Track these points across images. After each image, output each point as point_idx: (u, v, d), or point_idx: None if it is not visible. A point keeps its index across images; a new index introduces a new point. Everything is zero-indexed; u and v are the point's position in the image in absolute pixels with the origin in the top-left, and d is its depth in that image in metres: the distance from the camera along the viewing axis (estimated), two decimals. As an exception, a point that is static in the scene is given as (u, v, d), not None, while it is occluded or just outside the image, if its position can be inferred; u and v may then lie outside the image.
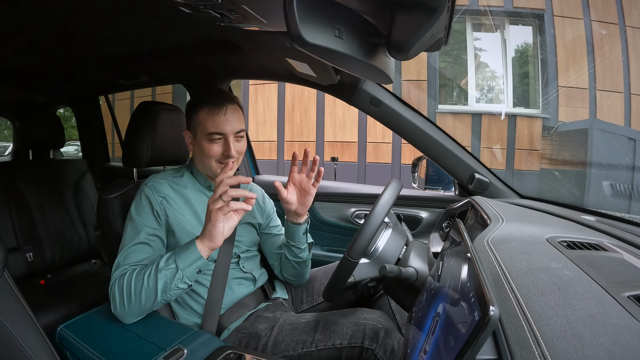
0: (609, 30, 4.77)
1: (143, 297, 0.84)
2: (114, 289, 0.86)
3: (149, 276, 0.84)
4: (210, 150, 0.97)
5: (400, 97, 1.28)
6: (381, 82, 1.16)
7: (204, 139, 0.97)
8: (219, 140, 0.97)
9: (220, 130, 0.96)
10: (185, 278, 0.85)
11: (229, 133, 0.97)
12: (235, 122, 0.98)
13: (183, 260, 0.84)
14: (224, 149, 0.97)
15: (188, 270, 0.84)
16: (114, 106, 2.65)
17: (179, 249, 0.86)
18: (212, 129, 0.96)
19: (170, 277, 0.84)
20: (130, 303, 0.85)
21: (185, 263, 0.84)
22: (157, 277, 0.83)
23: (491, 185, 1.29)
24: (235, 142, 0.98)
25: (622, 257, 0.59)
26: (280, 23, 0.58)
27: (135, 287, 0.84)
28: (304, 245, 1.10)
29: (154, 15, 1.02)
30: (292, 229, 1.07)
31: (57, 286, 1.66)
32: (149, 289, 0.84)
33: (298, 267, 1.13)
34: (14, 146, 2.76)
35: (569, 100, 5.08)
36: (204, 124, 0.96)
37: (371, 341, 0.88)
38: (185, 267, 0.84)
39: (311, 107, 6.39)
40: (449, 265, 0.65)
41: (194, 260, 0.84)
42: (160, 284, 0.83)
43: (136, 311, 0.87)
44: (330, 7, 0.60)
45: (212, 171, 1.01)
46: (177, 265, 0.84)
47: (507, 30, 5.40)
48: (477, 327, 0.38)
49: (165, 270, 0.84)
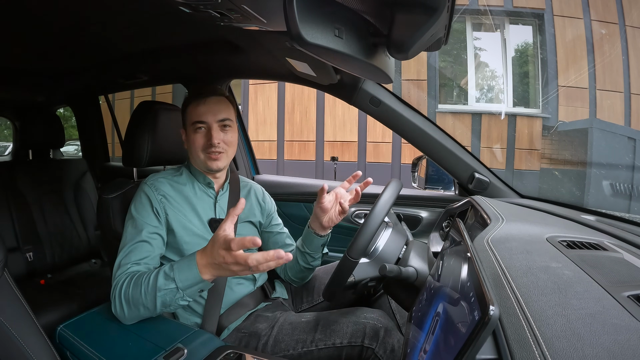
0: (609, 30, 4.76)
1: (142, 310, 0.83)
2: (115, 292, 0.86)
3: (146, 292, 0.80)
4: (195, 140, 0.99)
5: (400, 96, 1.28)
6: (381, 81, 1.16)
7: (190, 131, 1.01)
8: (202, 130, 0.99)
9: (202, 119, 0.98)
10: (186, 297, 0.80)
11: (211, 122, 0.99)
12: (218, 110, 1.00)
13: (183, 280, 0.78)
14: (207, 137, 0.99)
15: (189, 290, 0.79)
16: (113, 106, 2.65)
17: (177, 267, 0.79)
18: (195, 118, 0.99)
19: (170, 297, 0.80)
20: (130, 311, 0.85)
21: (185, 283, 0.78)
22: (155, 296, 0.79)
23: (491, 185, 1.29)
24: (219, 131, 1.00)
25: (622, 257, 0.59)
26: (280, 22, 0.58)
27: (133, 299, 0.82)
28: (319, 255, 1.10)
29: (154, 14, 1.02)
30: (312, 238, 1.06)
31: (57, 286, 1.66)
32: (146, 303, 0.81)
33: (306, 271, 1.13)
34: (13, 146, 2.76)
35: (569, 100, 5.08)
36: (189, 116, 1.00)
37: (371, 340, 0.88)
38: (186, 287, 0.79)
39: (311, 107, 6.39)
40: (449, 264, 0.65)
41: (195, 283, 0.78)
42: (159, 302, 0.80)
43: (135, 318, 0.87)
44: (330, 6, 0.60)
45: (203, 164, 1.02)
46: (177, 285, 0.78)
47: (507, 29, 5.40)
48: (477, 327, 0.38)
49: (165, 289, 0.79)
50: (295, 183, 1.74)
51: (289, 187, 1.73)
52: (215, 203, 1.07)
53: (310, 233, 1.06)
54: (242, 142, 1.82)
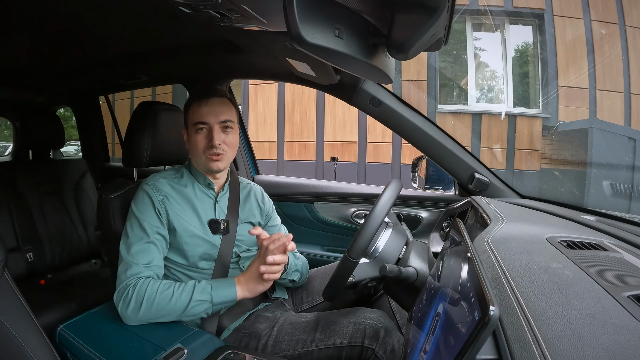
0: (609, 30, 4.76)
1: (164, 313, 0.87)
2: (129, 291, 0.87)
3: (176, 300, 0.87)
4: (196, 141, 1.00)
5: (401, 97, 1.28)
6: (381, 82, 1.16)
7: (191, 131, 1.01)
8: (203, 130, 1.00)
9: (204, 120, 0.99)
10: (210, 311, 0.90)
11: (213, 123, 0.99)
12: (220, 112, 1.00)
13: (220, 297, 0.90)
14: (208, 138, 0.99)
15: (218, 306, 0.91)
16: (114, 106, 2.65)
17: (215, 284, 0.91)
18: (197, 119, 0.99)
19: (199, 309, 0.89)
20: (147, 313, 0.86)
21: (219, 300, 0.90)
22: (187, 306, 0.87)
23: (491, 185, 1.29)
24: (220, 133, 1.00)
25: (622, 257, 0.59)
26: (280, 23, 0.58)
27: (158, 303, 0.86)
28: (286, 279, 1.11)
29: (154, 15, 1.02)
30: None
31: (57, 286, 1.66)
32: (173, 310, 0.87)
33: (291, 283, 1.15)
34: (14, 146, 2.76)
35: (569, 100, 5.08)
36: (191, 116, 1.01)
37: (371, 340, 0.88)
38: (217, 303, 0.90)
39: (311, 107, 6.39)
40: (449, 265, 0.65)
41: (228, 301, 0.91)
42: (187, 311, 0.88)
43: (146, 320, 0.88)
44: (330, 6, 0.60)
45: (204, 165, 1.02)
46: (211, 300, 0.89)
47: (507, 30, 5.40)
48: (477, 327, 0.38)
49: (198, 301, 0.88)
50: (295, 183, 1.74)
51: (289, 187, 1.73)
52: (215, 204, 1.07)
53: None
54: (242, 142, 1.82)
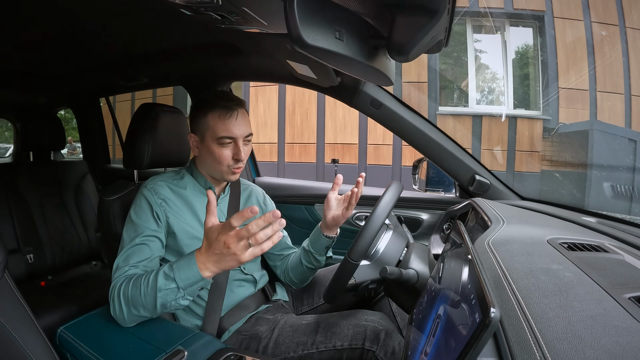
0: (609, 32, 4.77)
1: (141, 310, 0.82)
2: (114, 293, 0.85)
3: (145, 293, 0.80)
4: (220, 155, 0.97)
5: (401, 99, 1.29)
6: (382, 84, 1.17)
7: (213, 143, 0.97)
8: (229, 145, 0.97)
9: (232, 135, 0.96)
10: (187, 296, 0.80)
11: (239, 137, 0.97)
12: (245, 126, 0.99)
13: (184, 280, 0.77)
14: (234, 152, 0.97)
15: (190, 289, 0.79)
16: (114, 108, 2.65)
17: (177, 266, 0.79)
18: (222, 133, 0.95)
19: (171, 297, 0.79)
20: (130, 312, 0.84)
21: (186, 282, 0.78)
22: (155, 296, 0.79)
23: (492, 187, 1.29)
24: (243, 146, 0.99)
25: (622, 259, 0.59)
26: (281, 25, 0.58)
27: (132, 299, 0.82)
28: (322, 257, 1.10)
29: (155, 17, 1.02)
30: (318, 237, 1.07)
31: (57, 288, 1.66)
32: (146, 304, 0.81)
33: (307, 272, 1.12)
34: (14, 148, 2.76)
35: (569, 102, 5.08)
36: (214, 127, 0.96)
37: (372, 343, 0.88)
38: (186, 286, 0.78)
39: (312, 109, 6.40)
40: (449, 267, 0.65)
41: (195, 281, 0.78)
42: (159, 302, 0.79)
43: (134, 320, 0.86)
44: (330, 9, 0.60)
45: (221, 175, 1.01)
46: (177, 285, 0.78)
47: (507, 31, 5.41)
48: (478, 329, 0.38)
49: (165, 289, 0.79)
50: (295, 185, 1.74)
51: (290, 189, 1.73)
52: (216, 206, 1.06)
53: (318, 232, 1.08)
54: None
